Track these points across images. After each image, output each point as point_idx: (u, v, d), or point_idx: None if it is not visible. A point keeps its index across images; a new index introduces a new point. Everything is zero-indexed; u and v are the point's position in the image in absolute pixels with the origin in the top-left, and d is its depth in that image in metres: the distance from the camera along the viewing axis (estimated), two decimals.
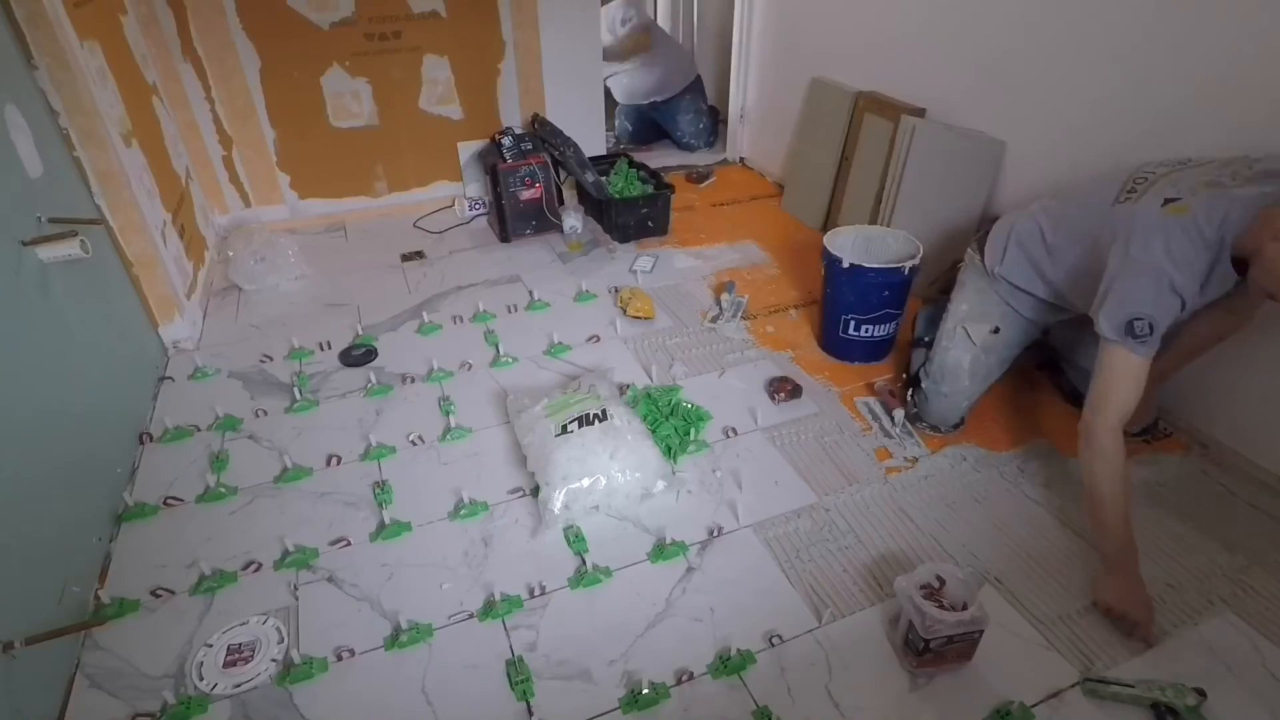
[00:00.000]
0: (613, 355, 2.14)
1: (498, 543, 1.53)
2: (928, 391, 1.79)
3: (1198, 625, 1.35)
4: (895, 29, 2.51)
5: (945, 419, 1.78)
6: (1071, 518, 1.58)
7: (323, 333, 2.23)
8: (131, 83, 2.16)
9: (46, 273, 1.49)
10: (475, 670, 1.28)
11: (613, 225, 2.77)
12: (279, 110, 2.74)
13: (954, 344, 1.75)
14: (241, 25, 2.54)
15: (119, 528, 1.56)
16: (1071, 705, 1.22)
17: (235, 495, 1.64)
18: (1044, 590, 1.40)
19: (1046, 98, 2.01)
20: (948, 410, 1.77)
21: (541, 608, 1.39)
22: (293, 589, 1.43)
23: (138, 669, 1.28)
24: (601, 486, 1.55)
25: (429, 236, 2.89)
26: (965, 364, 1.73)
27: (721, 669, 1.27)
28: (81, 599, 1.36)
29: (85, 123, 1.77)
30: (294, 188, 2.93)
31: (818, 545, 1.52)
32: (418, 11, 2.73)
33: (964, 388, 1.74)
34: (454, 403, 1.91)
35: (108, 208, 1.87)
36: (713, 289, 2.49)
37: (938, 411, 1.78)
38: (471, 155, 3.04)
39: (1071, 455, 1.76)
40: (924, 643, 1.20)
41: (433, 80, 2.88)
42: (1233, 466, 1.71)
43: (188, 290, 2.24)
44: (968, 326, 1.74)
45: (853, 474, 1.71)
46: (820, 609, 1.38)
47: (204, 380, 2.03)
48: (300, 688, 1.25)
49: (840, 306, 2.03)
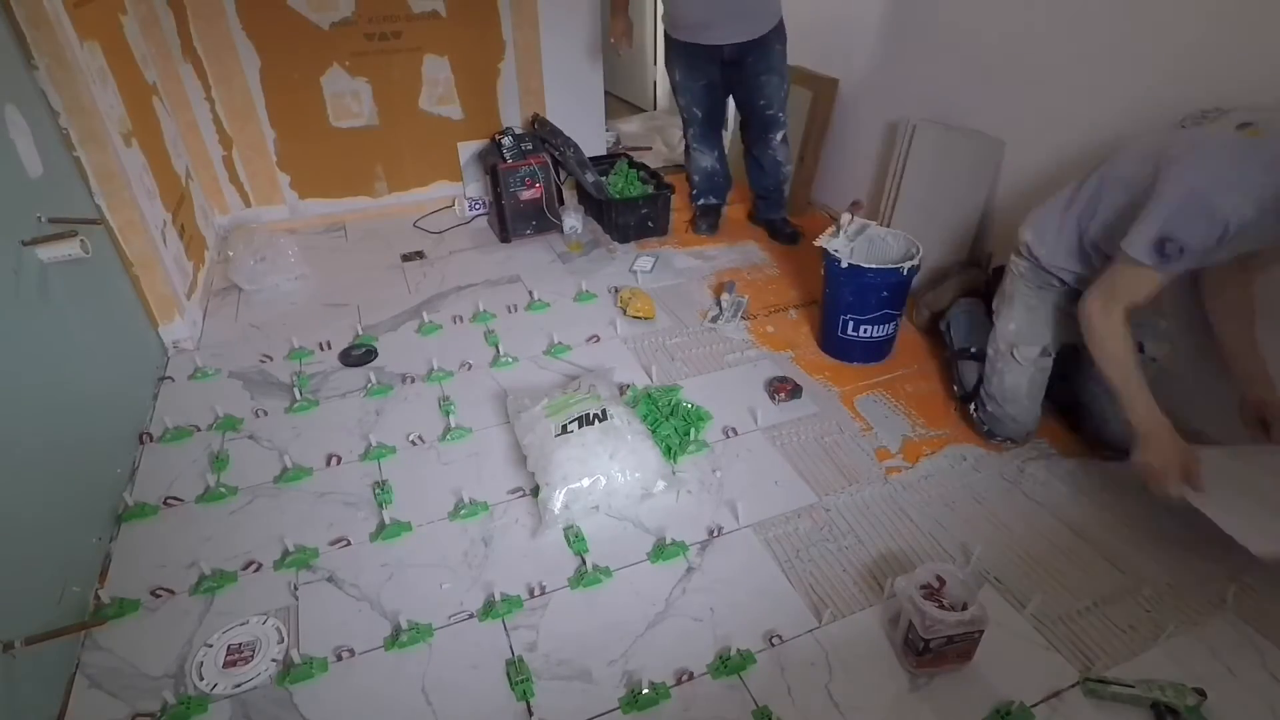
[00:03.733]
0: (613, 355, 2.14)
1: (498, 543, 1.53)
2: (995, 414, 1.75)
3: (1198, 625, 1.35)
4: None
5: (1021, 434, 1.76)
6: (1072, 518, 1.58)
7: (323, 333, 2.23)
8: (131, 83, 2.16)
9: (46, 273, 1.49)
10: (475, 670, 1.28)
11: (613, 225, 2.77)
12: (279, 110, 2.75)
13: (1009, 368, 1.72)
14: (241, 25, 2.54)
15: (119, 528, 1.56)
16: (1071, 705, 1.22)
17: (235, 495, 1.64)
18: (1044, 590, 1.40)
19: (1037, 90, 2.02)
20: (1019, 429, 1.75)
21: (541, 608, 1.39)
22: (293, 589, 1.43)
23: (138, 669, 1.28)
24: (601, 486, 1.55)
25: (429, 236, 2.90)
26: (1024, 388, 1.71)
27: (721, 669, 1.27)
28: (81, 599, 1.36)
29: (85, 123, 1.77)
30: (294, 188, 2.93)
31: (817, 545, 1.52)
32: (418, 11, 2.73)
33: (1026, 407, 1.72)
34: (454, 403, 1.91)
35: (108, 208, 1.87)
36: (713, 289, 2.49)
37: (1011, 431, 1.75)
38: (471, 155, 3.04)
39: (1071, 456, 1.76)
40: (924, 643, 1.20)
41: (433, 80, 2.88)
42: None
43: (188, 290, 2.24)
44: (1017, 351, 1.70)
45: (853, 474, 1.71)
46: (820, 609, 1.38)
47: (204, 380, 2.03)
48: (300, 688, 1.25)
49: (839, 307, 2.03)
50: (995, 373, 1.75)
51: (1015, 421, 1.73)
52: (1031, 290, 1.69)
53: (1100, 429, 1.72)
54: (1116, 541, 1.53)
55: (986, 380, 1.78)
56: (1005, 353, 1.72)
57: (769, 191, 2.79)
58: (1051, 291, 1.67)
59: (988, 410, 1.77)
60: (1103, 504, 1.62)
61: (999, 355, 1.74)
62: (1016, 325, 1.71)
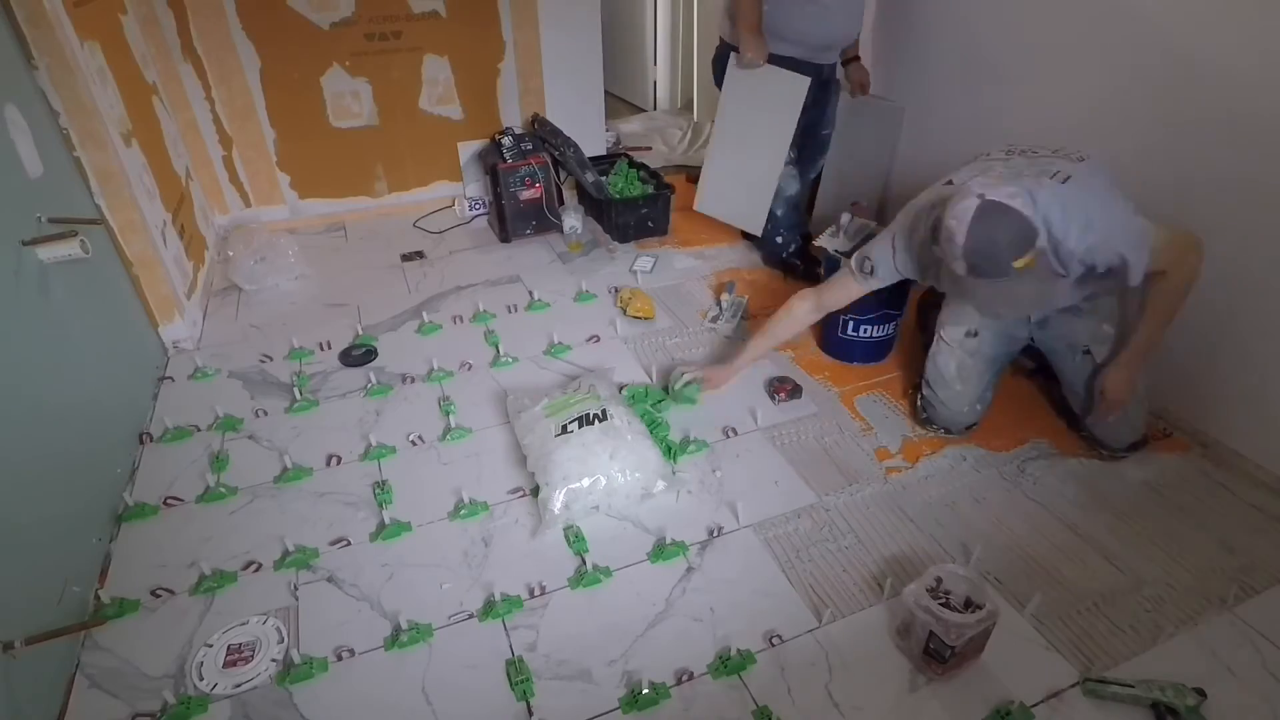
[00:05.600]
0: (613, 355, 2.14)
1: (498, 543, 1.53)
2: (929, 398, 1.80)
3: (1198, 625, 1.35)
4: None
5: (954, 423, 1.78)
6: (1072, 518, 1.58)
7: (323, 333, 2.23)
8: (131, 83, 2.16)
9: (46, 273, 1.49)
10: (475, 670, 1.28)
11: (613, 225, 2.77)
12: (279, 110, 2.74)
13: (939, 350, 1.78)
14: (241, 25, 2.54)
15: (119, 528, 1.56)
16: (1071, 705, 1.22)
17: (235, 495, 1.64)
18: (1044, 590, 1.40)
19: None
20: (951, 416, 1.77)
21: (541, 608, 1.39)
22: (293, 589, 1.43)
23: (138, 669, 1.28)
24: (601, 486, 1.55)
25: (429, 236, 2.90)
26: (952, 369, 1.75)
27: (721, 669, 1.27)
28: (81, 599, 1.36)
29: (85, 123, 1.77)
30: (294, 188, 2.93)
31: (818, 545, 1.52)
32: (418, 11, 2.73)
33: (956, 392, 1.74)
34: (454, 403, 1.91)
35: (108, 208, 1.87)
36: (713, 289, 2.49)
37: (944, 417, 1.78)
38: (471, 155, 3.04)
39: (1071, 455, 1.76)
40: (950, 649, 1.19)
41: (433, 80, 2.88)
42: (1233, 466, 1.71)
43: (188, 290, 2.24)
44: (943, 331, 1.76)
45: (853, 474, 1.71)
46: (820, 609, 1.38)
47: (204, 380, 2.03)
48: (300, 688, 1.25)
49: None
50: (929, 358, 1.81)
51: (946, 407, 1.77)
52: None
53: (1093, 429, 1.72)
54: (1116, 541, 1.53)
55: (926, 366, 1.82)
56: (936, 337, 1.79)
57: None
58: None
59: (923, 394, 1.82)
60: (1103, 504, 1.62)
61: (935, 341, 1.80)
62: (947, 310, 1.78)
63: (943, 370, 1.76)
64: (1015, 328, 1.72)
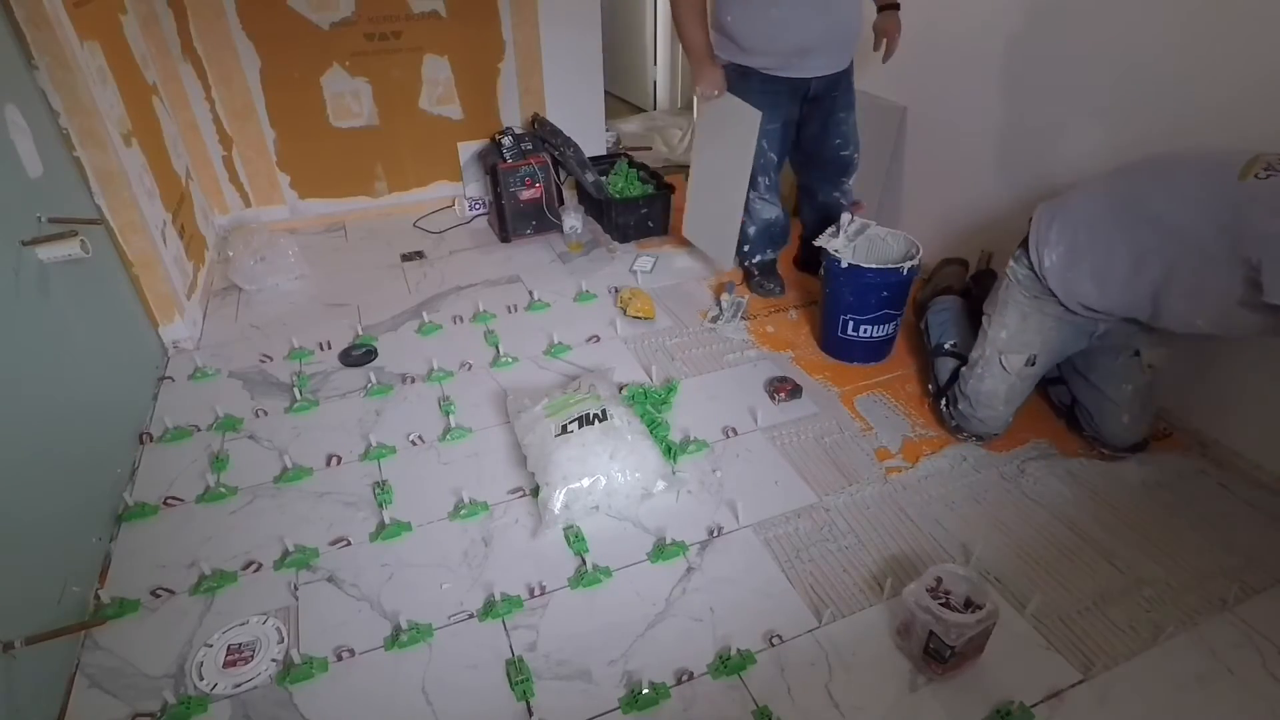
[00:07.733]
0: (613, 355, 2.14)
1: (498, 543, 1.53)
2: (965, 413, 1.76)
3: (1198, 625, 1.35)
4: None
5: (988, 434, 1.77)
6: (1072, 518, 1.58)
7: (323, 333, 2.23)
8: (131, 83, 2.16)
9: (46, 273, 1.49)
10: (475, 670, 1.28)
11: (613, 225, 2.77)
12: (279, 110, 2.74)
13: (989, 372, 1.70)
14: (241, 25, 2.54)
15: (119, 528, 1.56)
16: (1071, 705, 1.22)
17: (235, 495, 1.64)
18: (1044, 590, 1.40)
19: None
20: (987, 429, 1.75)
21: (541, 608, 1.39)
22: (293, 589, 1.43)
23: (138, 669, 1.28)
24: (601, 486, 1.55)
25: (429, 236, 2.90)
26: (1001, 393, 1.70)
27: (721, 669, 1.27)
28: (81, 599, 1.36)
29: (85, 123, 1.77)
30: (294, 188, 2.93)
31: (818, 545, 1.52)
32: (418, 11, 2.73)
33: (999, 413, 1.72)
34: (454, 403, 1.91)
35: (108, 208, 1.87)
36: (713, 289, 2.49)
37: (978, 430, 1.76)
38: (471, 155, 3.04)
39: (1071, 455, 1.76)
40: (950, 649, 1.20)
41: (433, 80, 2.88)
42: (1233, 466, 1.71)
43: (188, 290, 2.24)
44: (1005, 359, 1.68)
45: (853, 474, 1.71)
46: (820, 609, 1.38)
47: (204, 380, 2.03)
48: (300, 688, 1.25)
49: (839, 307, 2.03)
50: (975, 375, 1.73)
51: (983, 424, 1.74)
52: (1027, 299, 1.66)
53: (1100, 429, 1.72)
54: (1116, 541, 1.53)
55: (963, 379, 1.77)
56: (992, 358, 1.70)
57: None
58: (1049, 302, 1.62)
59: (958, 408, 1.78)
60: (1103, 504, 1.62)
61: (984, 360, 1.72)
62: (1008, 333, 1.69)
63: (991, 394, 1.71)
64: (1076, 344, 1.67)
